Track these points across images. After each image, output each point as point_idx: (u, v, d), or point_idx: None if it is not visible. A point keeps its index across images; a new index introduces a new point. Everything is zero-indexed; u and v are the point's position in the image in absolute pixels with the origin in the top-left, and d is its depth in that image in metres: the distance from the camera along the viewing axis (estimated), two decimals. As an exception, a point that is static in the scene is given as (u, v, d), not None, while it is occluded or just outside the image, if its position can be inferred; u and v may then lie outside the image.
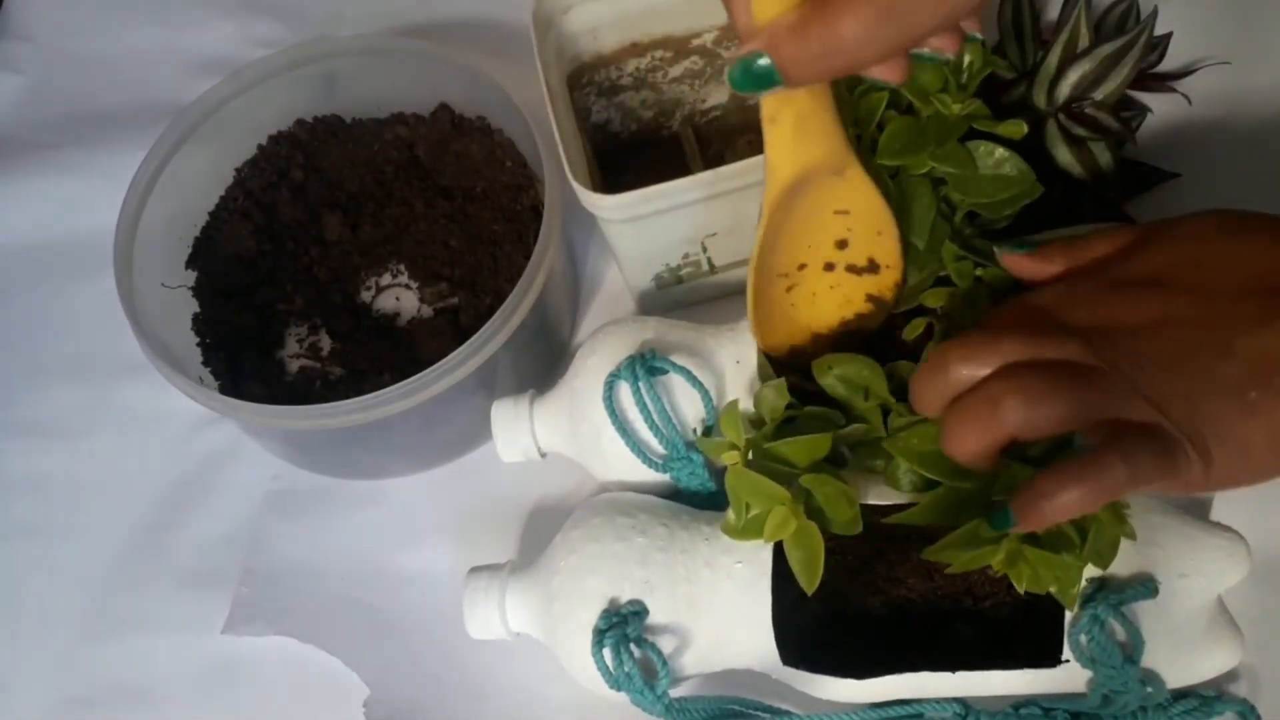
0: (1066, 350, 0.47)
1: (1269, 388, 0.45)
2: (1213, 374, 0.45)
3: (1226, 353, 0.45)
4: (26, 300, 0.80)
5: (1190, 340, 0.46)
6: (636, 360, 0.58)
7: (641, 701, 0.54)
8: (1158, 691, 0.52)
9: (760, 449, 0.54)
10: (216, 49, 0.87)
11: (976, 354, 0.47)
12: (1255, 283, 0.46)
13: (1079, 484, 0.45)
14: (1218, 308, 0.46)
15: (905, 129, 0.57)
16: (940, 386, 0.48)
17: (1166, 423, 0.45)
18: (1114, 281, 0.49)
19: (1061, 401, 0.45)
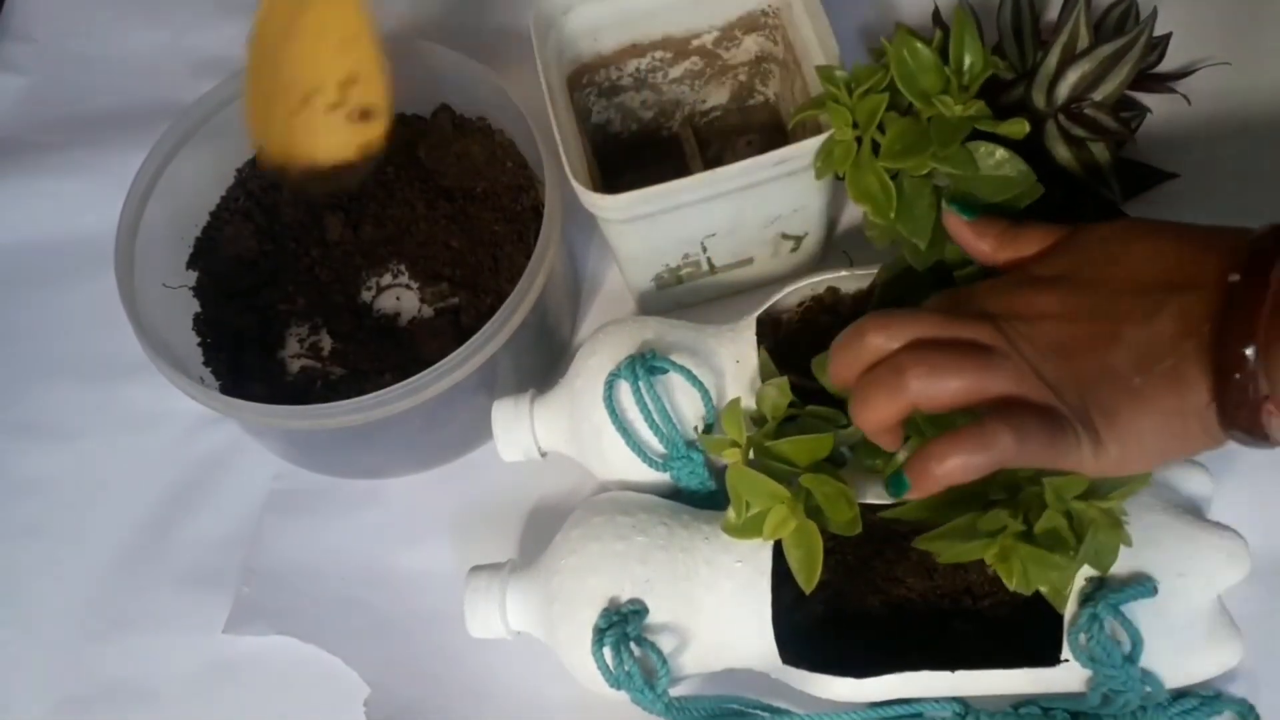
0: (975, 331, 0.50)
1: (1151, 375, 0.47)
2: (1104, 362, 0.48)
3: (1116, 342, 0.48)
4: (27, 300, 0.80)
5: (1086, 331, 0.49)
6: (637, 360, 0.58)
7: (641, 700, 0.54)
8: (1157, 691, 0.52)
9: (761, 447, 0.54)
10: (217, 49, 0.87)
11: (890, 326, 0.50)
12: (1148, 281, 0.49)
13: (966, 449, 0.47)
14: (1114, 302, 0.49)
15: (907, 130, 0.57)
16: (855, 355, 0.51)
17: (1060, 404, 0.48)
18: (1028, 277, 0.53)
19: (962, 375, 0.48)
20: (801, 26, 0.66)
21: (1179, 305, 0.47)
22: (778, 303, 0.63)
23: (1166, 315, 0.47)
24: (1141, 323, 0.48)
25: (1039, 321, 0.50)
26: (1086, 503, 0.49)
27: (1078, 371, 0.49)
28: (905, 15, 0.79)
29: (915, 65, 0.58)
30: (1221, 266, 0.46)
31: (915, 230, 0.57)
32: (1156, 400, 0.47)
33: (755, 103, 0.76)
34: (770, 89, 0.75)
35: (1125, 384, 0.48)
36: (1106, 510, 0.50)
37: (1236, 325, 0.45)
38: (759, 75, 0.75)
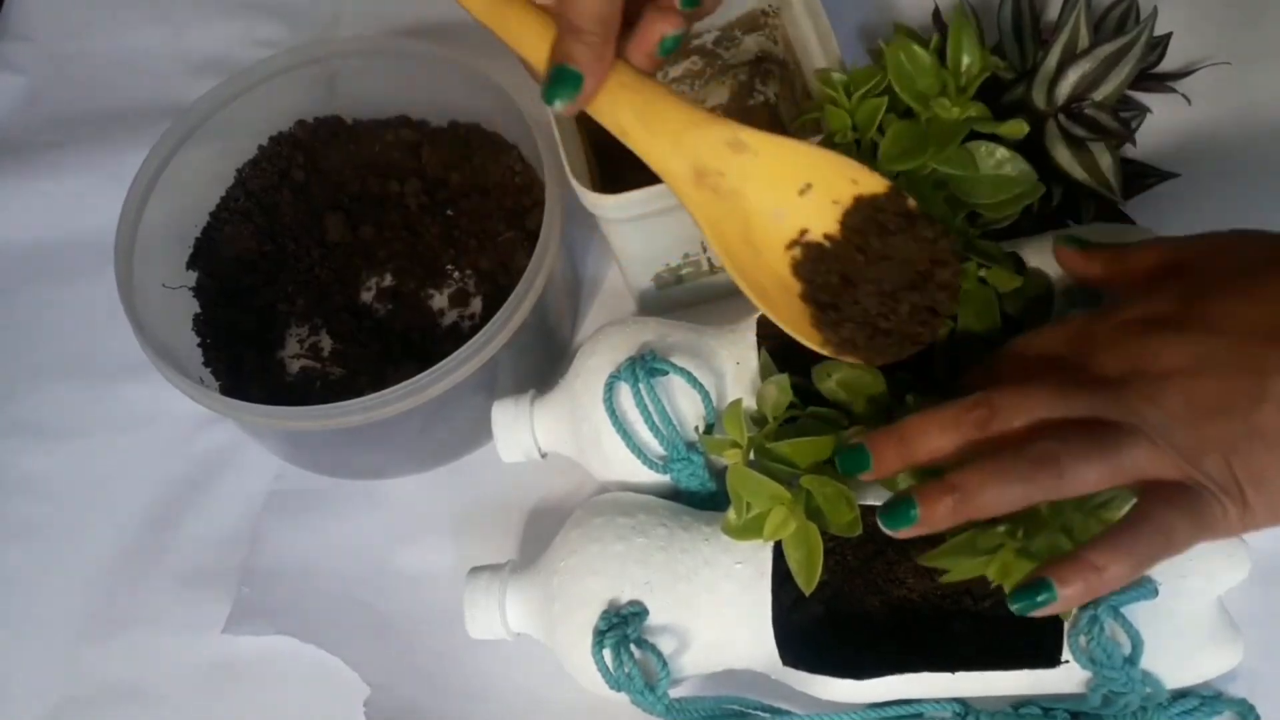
0: (1096, 406, 0.46)
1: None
2: (1249, 422, 0.44)
3: (1261, 398, 0.44)
4: (26, 300, 0.80)
5: (1224, 388, 0.45)
6: (637, 362, 0.58)
7: (642, 702, 0.54)
8: (1158, 692, 0.52)
9: (762, 448, 0.54)
10: (218, 49, 0.87)
11: (1011, 408, 0.46)
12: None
13: (1128, 562, 0.45)
14: (1254, 352, 0.45)
15: (905, 133, 0.57)
16: (967, 431, 0.47)
17: (1199, 475, 0.45)
18: (1146, 321, 0.48)
19: (1097, 466, 0.45)
20: (801, 26, 0.66)
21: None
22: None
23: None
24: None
25: (1167, 380, 0.46)
26: (1085, 515, 0.49)
27: (1219, 435, 0.45)
28: (905, 15, 0.79)
29: (912, 68, 0.58)
30: None
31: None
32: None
33: (755, 103, 0.76)
34: (770, 89, 0.75)
35: (1275, 445, 0.44)
36: (1104, 521, 0.49)
37: None
38: (759, 75, 0.75)
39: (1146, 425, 0.45)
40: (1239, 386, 0.45)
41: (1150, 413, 0.45)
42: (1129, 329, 0.48)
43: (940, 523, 0.46)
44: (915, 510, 0.46)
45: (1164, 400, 0.45)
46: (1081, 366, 0.48)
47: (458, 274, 0.74)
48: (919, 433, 0.48)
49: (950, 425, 0.48)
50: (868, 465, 0.49)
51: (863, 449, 0.49)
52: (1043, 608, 0.45)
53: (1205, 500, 0.45)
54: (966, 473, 0.46)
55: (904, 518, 0.47)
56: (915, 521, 0.47)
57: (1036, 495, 0.46)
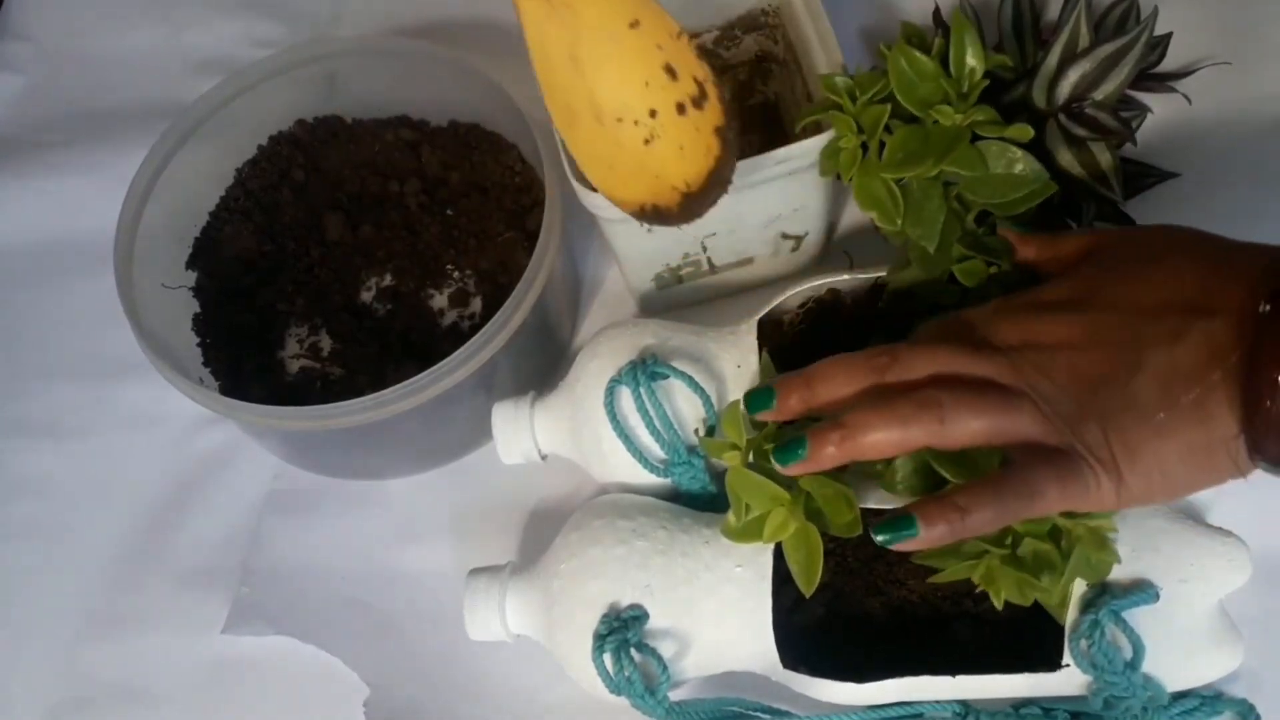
0: (995, 369, 0.49)
1: (1176, 409, 0.46)
2: (1125, 393, 0.47)
3: (1138, 371, 0.47)
4: (26, 300, 0.80)
5: (1106, 359, 0.47)
6: (638, 366, 0.58)
7: (642, 705, 0.54)
8: (1159, 696, 0.52)
9: (761, 450, 0.54)
10: (217, 49, 0.87)
11: (917, 358, 0.49)
12: (1171, 303, 0.47)
13: (987, 507, 0.47)
14: (1134, 327, 0.47)
15: (909, 138, 0.57)
16: (863, 375, 0.50)
17: (1077, 443, 0.47)
18: (1046, 301, 0.51)
19: (983, 418, 0.47)
20: (802, 26, 0.66)
21: (1204, 332, 0.46)
22: (779, 305, 0.62)
23: (1191, 343, 0.46)
24: (1165, 350, 0.46)
25: (1057, 351, 0.48)
26: (1074, 520, 0.49)
27: (1098, 405, 0.47)
28: (906, 15, 0.78)
29: (914, 74, 0.58)
30: (1248, 293, 0.45)
31: (924, 234, 0.57)
32: (1182, 434, 0.46)
33: (755, 102, 0.76)
34: (770, 88, 0.75)
35: (1148, 419, 0.46)
36: (1093, 529, 0.49)
37: (1269, 356, 0.44)
38: (759, 74, 0.75)
39: (1034, 392, 0.48)
40: (1119, 359, 0.47)
41: (1039, 381, 0.48)
42: (1035, 307, 0.51)
43: (827, 459, 0.49)
44: (804, 448, 0.49)
45: (1052, 370, 0.48)
46: (988, 336, 0.51)
47: (458, 274, 0.74)
48: (823, 377, 0.51)
49: (853, 370, 0.50)
50: (771, 404, 0.51)
51: (770, 389, 0.51)
52: (905, 542, 0.47)
53: (1079, 468, 0.47)
54: (854, 413, 0.49)
55: (793, 454, 0.49)
56: (803, 457, 0.49)
57: (918, 438, 0.48)
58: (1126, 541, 0.52)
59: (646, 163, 0.52)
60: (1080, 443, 0.47)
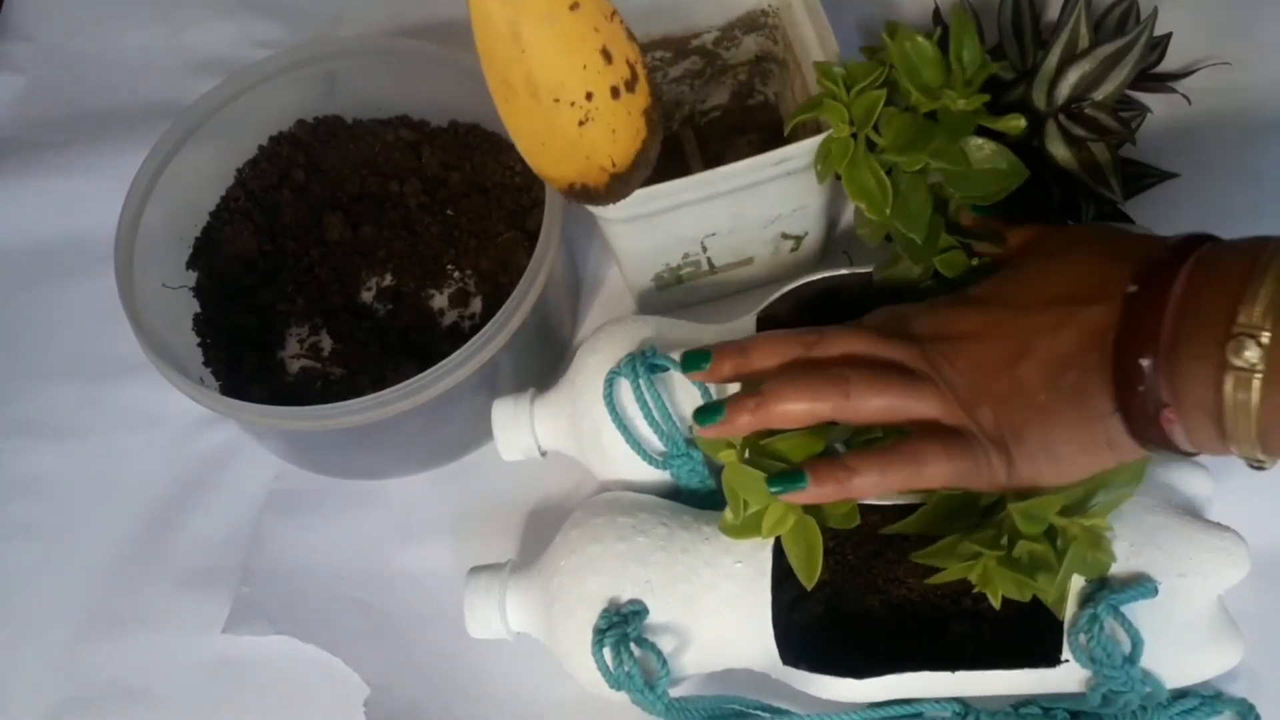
0: (903, 354, 0.53)
1: (1057, 390, 0.48)
2: (1014, 378, 0.50)
3: (1025, 358, 0.50)
4: (26, 300, 0.80)
5: (1000, 349, 0.51)
6: (637, 357, 0.58)
7: (642, 701, 0.54)
8: (1158, 691, 0.52)
9: (756, 446, 0.54)
10: (217, 49, 0.87)
11: (828, 339, 0.54)
12: (1060, 294, 0.50)
13: (873, 470, 0.50)
14: (1026, 318, 0.51)
15: (908, 125, 0.58)
16: (779, 353, 0.54)
17: (972, 424, 0.51)
18: (961, 298, 0.55)
19: (886, 396, 0.51)
20: (801, 26, 0.66)
21: (1084, 318, 0.48)
22: (777, 300, 0.62)
23: (1072, 329, 0.49)
24: (1049, 337, 0.49)
25: (961, 342, 0.52)
26: (1069, 519, 0.49)
27: (991, 390, 0.51)
28: (906, 15, 0.79)
29: (917, 59, 0.58)
30: (1126, 279, 0.47)
31: (911, 225, 0.57)
32: (1062, 415, 0.48)
33: (755, 102, 0.76)
34: (770, 89, 0.75)
35: (1032, 400, 0.49)
36: (1088, 528, 0.50)
37: (1134, 337, 0.46)
38: (759, 75, 0.75)
39: (938, 376, 0.52)
40: (1011, 348, 0.50)
41: (943, 366, 0.52)
42: (954, 303, 0.55)
43: (742, 424, 0.52)
44: (722, 413, 0.53)
45: (955, 358, 0.52)
46: (910, 327, 0.54)
47: (458, 274, 0.74)
48: (757, 348, 0.55)
49: (785, 345, 0.55)
50: (705, 365, 0.55)
51: (707, 352, 0.55)
52: (794, 494, 0.51)
53: (971, 446, 0.50)
54: (770, 383, 0.53)
55: (711, 418, 0.53)
56: (720, 419, 0.53)
57: (825, 411, 0.51)
58: (1125, 536, 0.52)
59: (579, 144, 0.53)
60: (975, 424, 0.51)
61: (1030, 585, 0.50)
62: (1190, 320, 0.45)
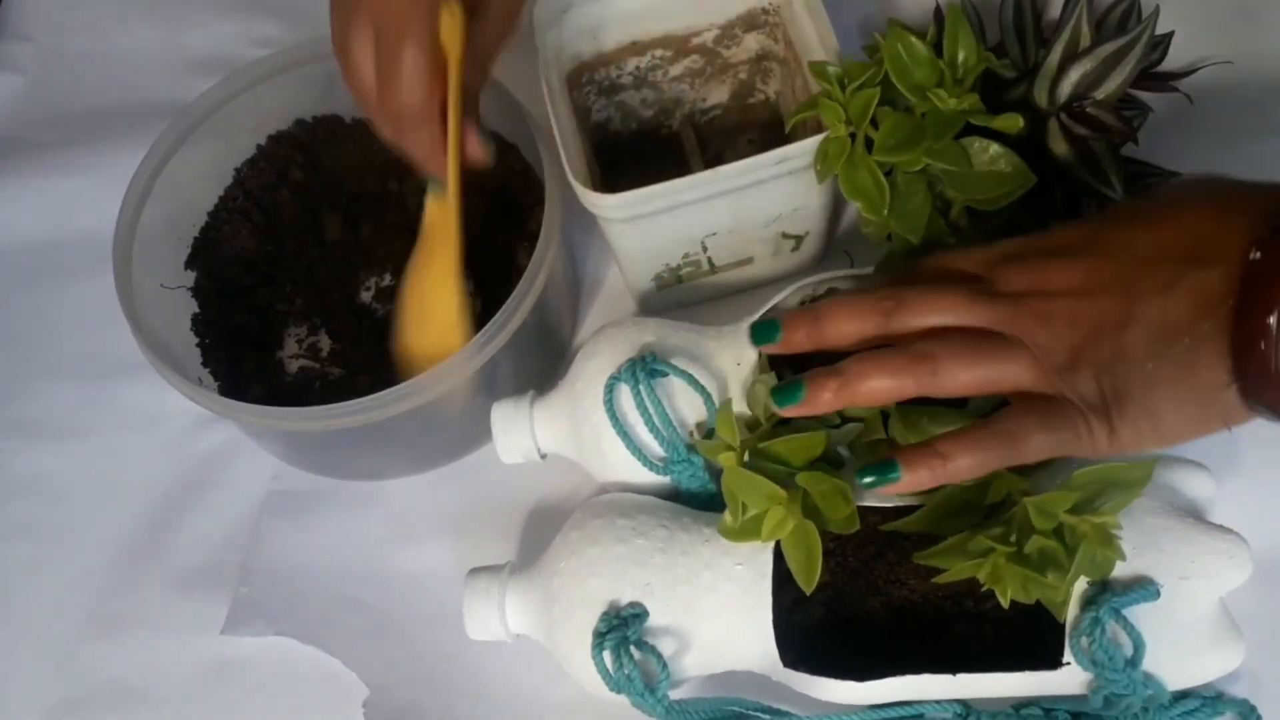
0: (991, 317, 0.50)
1: (1165, 359, 0.46)
2: (1118, 343, 0.47)
3: (1131, 322, 0.47)
4: (26, 300, 0.80)
5: (1103, 309, 0.48)
6: (637, 363, 0.58)
7: (642, 704, 0.54)
8: (1159, 694, 0.52)
9: (756, 449, 0.54)
10: (216, 49, 0.87)
11: (916, 304, 0.51)
12: (1169, 252, 0.47)
13: (968, 453, 0.49)
14: (1131, 275, 0.48)
15: (901, 125, 0.57)
16: (869, 323, 0.52)
17: (1070, 392, 0.48)
18: (1052, 247, 0.51)
19: (978, 369, 0.49)
20: (802, 24, 0.66)
21: (1196, 282, 0.46)
22: (778, 304, 0.62)
23: (1182, 292, 0.46)
24: (1158, 301, 0.47)
25: (1057, 300, 0.49)
26: (1078, 517, 0.49)
27: (1091, 354, 0.48)
28: (906, 13, 0.78)
29: (909, 59, 0.58)
30: (1244, 241, 0.45)
31: (908, 226, 0.57)
32: (1171, 384, 0.46)
33: (756, 101, 0.76)
34: (771, 87, 0.75)
35: (1139, 368, 0.47)
36: (1098, 525, 0.49)
37: (1256, 307, 0.44)
38: (760, 74, 0.75)
39: (1031, 341, 0.49)
40: (1114, 310, 0.48)
41: (1037, 330, 0.49)
42: (1042, 252, 0.51)
43: (823, 404, 0.51)
44: (802, 391, 0.51)
45: (1051, 319, 0.49)
46: (993, 280, 0.51)
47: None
48: (830, 315, 0.53)
49: (859, 312, 0.52)
50: (776, 337, 0.53)
51: (776, 322, 0.53)
52: (888, 485, 0.50)
53: (1070, 416, 0.48)
54: (851, 361, 0.51)
55: (792, 396, 0.51)
56: (801, 399, 0.51)
57: (911, 388, 0.50)
58: (1128, 539, 0.52)
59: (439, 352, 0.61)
60: (1072, 391, 0.48)
61: (1040, 582, 0.49)
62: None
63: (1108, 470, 0.50)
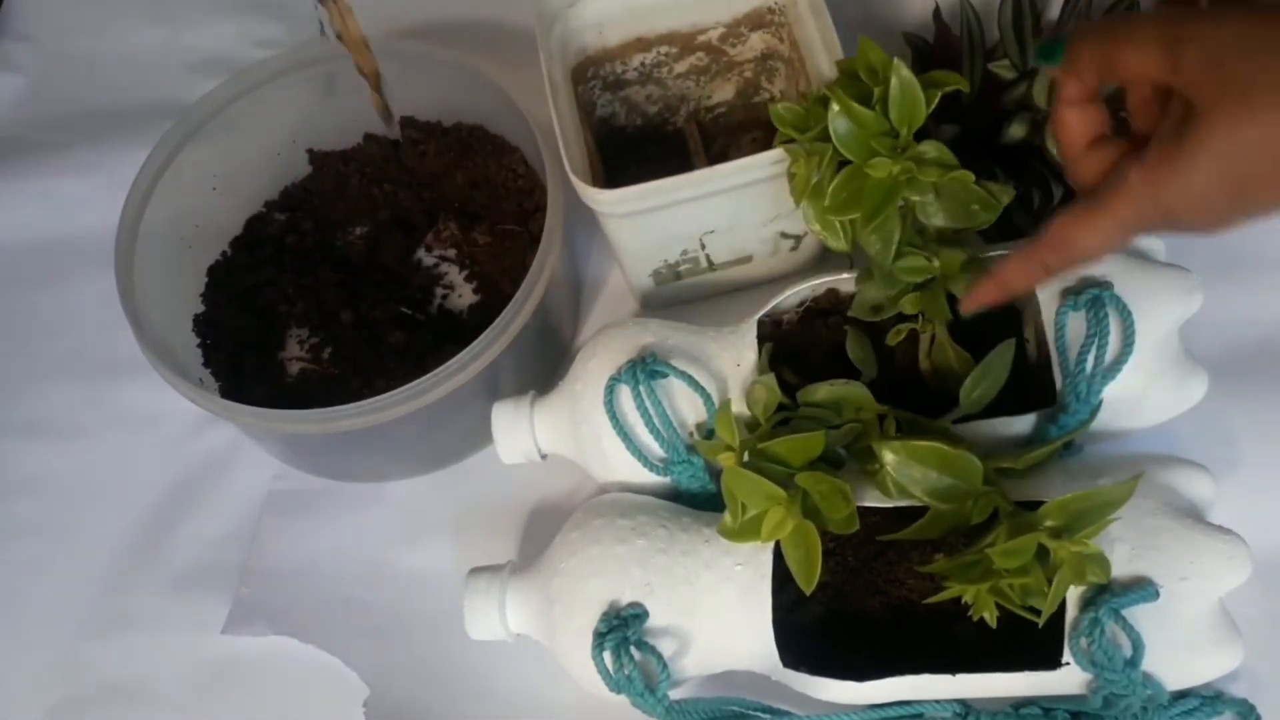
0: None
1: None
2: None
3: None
4: (26, 300, 0.80)
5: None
6: (637, 364, 0.58)
7: (642, 704, 0.54)
8: (1158, 694, 0.52)
9: (755, 449, 0.54)
10: (217, 49, 0.88)
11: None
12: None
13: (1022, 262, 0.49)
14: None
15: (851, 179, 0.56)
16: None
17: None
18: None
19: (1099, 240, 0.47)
20: (807, 24, 0.66)
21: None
22: (778, 305, 0.62)
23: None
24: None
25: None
26: (1058, 542, 0.49)
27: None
28: (907, 14, 0.78)
29: (854, 123, 0.56)
30: None
31: (880, 251, 0.56)
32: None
33: (760, 100, 0.76)
34: (775, 86, 0.75)
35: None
36: (1076, 553, 0.49)
37: None
38: (764, 72, 0.75)
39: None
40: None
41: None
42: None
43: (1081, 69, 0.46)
44: (1061, 49, 0.47)
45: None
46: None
47: (459, 276, 0.74)
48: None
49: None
50: (1058, 56, 0.48)
51: (1062, 39, 0.48)
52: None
53: (1110, 190, 0.45)
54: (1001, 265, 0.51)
55: (1053, 53, 0.47)
56: (1059, 58, 0.47)
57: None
58: (1126, 539, 0.52)
59: None
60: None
61: (1022, 613, 0.50)
62: None
63: (1087, 494, 0.50)
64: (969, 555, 0.51)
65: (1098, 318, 0.55)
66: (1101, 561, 0.49)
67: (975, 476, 0.52)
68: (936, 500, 0.52)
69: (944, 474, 0.52)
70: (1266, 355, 0.66)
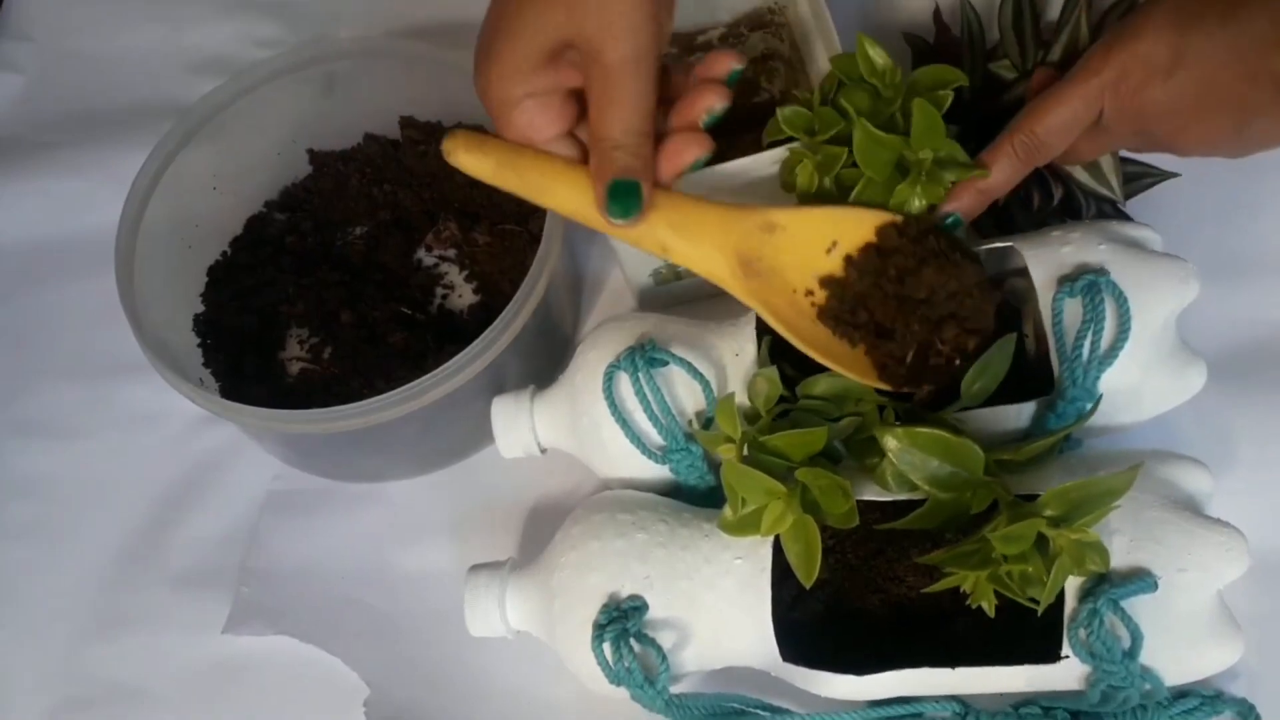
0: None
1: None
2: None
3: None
4: (26, 300, 0.80)
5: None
6: (636, 351, 0.58)
7: (641, 697, 0.54)
8: (1157, 689, 0.52)
9: (755, 443, 0.54)
10: (217, 49, 0.88)
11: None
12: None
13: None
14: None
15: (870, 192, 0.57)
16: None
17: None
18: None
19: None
20: (807, 24, 0.66)
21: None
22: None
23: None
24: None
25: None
26: (1057, 530, 0.49)
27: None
28: (907, 13, 0.79)
29: (874, 145, 0.57)
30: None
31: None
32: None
33: (760, 100, 0.76)
34: (775, 86, 0.75)
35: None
36: (1076, 540, 0.49)
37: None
38: (764, 72, 0.75)
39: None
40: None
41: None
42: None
43: (972, 208, 0.57)
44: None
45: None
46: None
47: (460, 276, 0.74)
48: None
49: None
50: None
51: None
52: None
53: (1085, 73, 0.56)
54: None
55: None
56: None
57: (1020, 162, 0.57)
58: (1125, 531, 0.52)
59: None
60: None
61: (1022, 600, 0.50)
62: None
63: (1087, 483, 0.50)
64: (969, 544, 0.51)
65: (1094, 303, 0.55)
66: (1101, 550, 0.49)
67: (977, 465, 0.52)
68: (937, 489, 0.52)
69: (946, 461, 0.52)
70: (1264, 354, 0.66)
